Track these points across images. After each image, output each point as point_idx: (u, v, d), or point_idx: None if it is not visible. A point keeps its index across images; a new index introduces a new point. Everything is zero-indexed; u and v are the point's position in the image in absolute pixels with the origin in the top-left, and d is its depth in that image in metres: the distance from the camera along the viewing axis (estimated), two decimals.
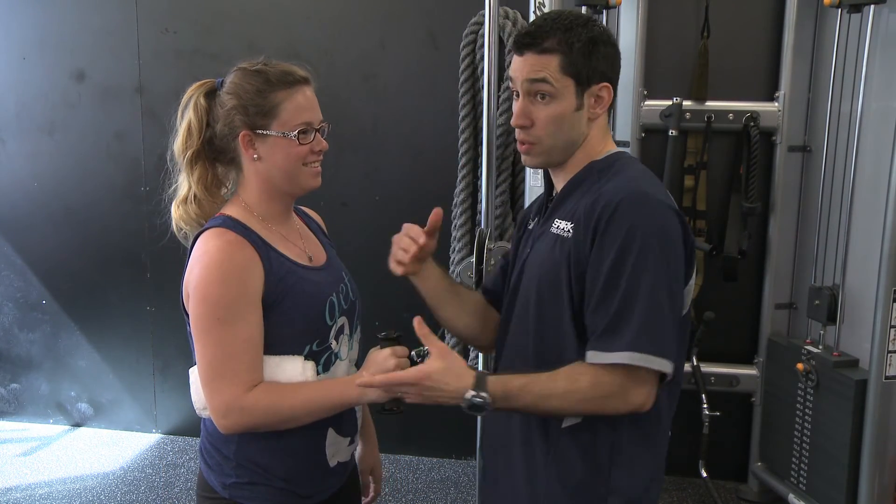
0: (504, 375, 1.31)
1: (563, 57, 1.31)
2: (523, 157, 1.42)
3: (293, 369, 1.37)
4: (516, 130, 1.39)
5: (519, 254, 1.48)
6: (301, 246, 1.47)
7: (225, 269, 1.31)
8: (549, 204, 1.43)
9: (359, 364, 1.55)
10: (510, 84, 1.39)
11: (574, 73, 1.32)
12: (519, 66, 1.35)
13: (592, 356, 1.26)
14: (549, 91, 1.32)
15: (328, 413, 1.39)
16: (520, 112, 1.35)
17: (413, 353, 1.42)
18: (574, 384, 1.26)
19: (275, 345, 1.37)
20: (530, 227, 1.50)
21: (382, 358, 1.36)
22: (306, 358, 1.39)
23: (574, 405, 1.28)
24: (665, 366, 1.25)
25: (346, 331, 1.48)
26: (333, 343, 1.44)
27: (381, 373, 1.33)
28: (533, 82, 1.32)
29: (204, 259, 1.33)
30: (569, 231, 1.32)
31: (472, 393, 1.25)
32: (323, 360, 1.42)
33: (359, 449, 1.68)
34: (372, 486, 1.70)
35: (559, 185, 1.41)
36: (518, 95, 1.37)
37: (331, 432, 1.45)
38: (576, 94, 1.33)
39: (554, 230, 1.35)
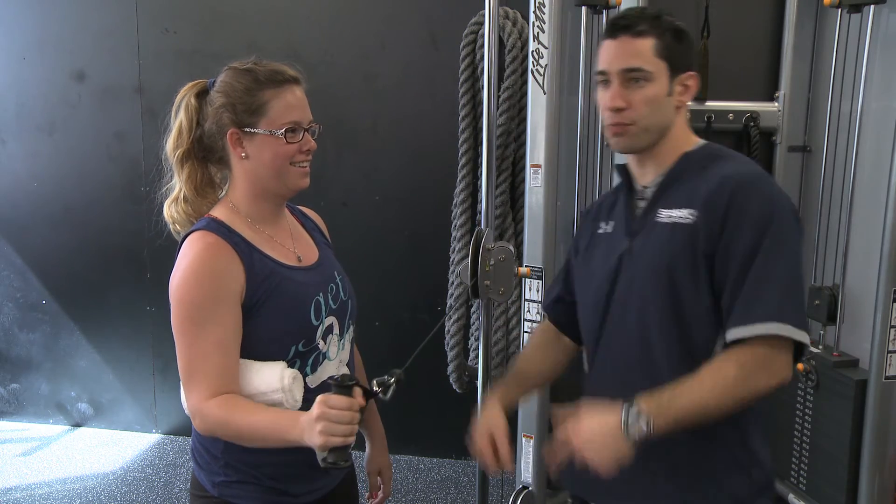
0: (645, 395, 1.25)
1: (657, 40, 1.34)
2: (614, 141, 1.41)
3: (271, 375, 1.35)
4: (607, 115, 1.38)
5: (595, 259, 1.47)
6: (290, 246, 1.47)
7: (200, 272, 1.32)
8: (637, 199, 1.43)
9: (350, 364, 1.54)
10: (598, 73, 1.39)
11: (667, 57, 1.34)
12: (613, 50, 1.36)
13: (735, 332, 1.25)
14: (644, 76, 1.33)
15: (273, 445, 1.32)
16: (615, 95, 1.35)
17: (374, 382, 1.30)
18: (719, 374, 1.24)
19: (260, 346, 1.36)
20: (602, 230, 1.48)
21: (315, 405, 1.23)
22: (293, 358, 1.39)
23: (725, 395, 1.25)
24: (805, 337, 1.26)
25: (336, 331, 1.48)
26: (321, 343, 1.43)
27: (307, 420, 1.22)
28: (629, 70, 1.33)
29: (183, 262, 1.34)
30: (689, 217, 1.31)
31: (631, 414, 1.21)
32: (311, 360, 1.42)
33: (367, 450, 1.68)
34: (381, 487, 1.70)
35: (647, 177, 1.42)
36: (605, 83, 1.37)
37: None
38: (668, 79, 1.35)
39: (664, 220, 1.35)
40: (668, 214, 1.35)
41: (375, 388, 1.29)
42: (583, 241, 1.56)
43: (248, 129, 1.37)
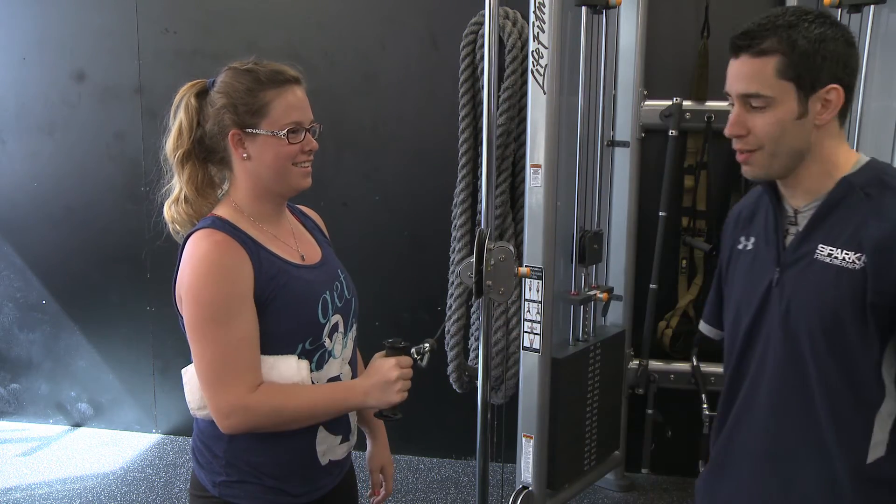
0: None
1: (781, 59, 1.20)
2: (743, 168, 1.29)
3: (288, 369, 1.37)
4: (733, 141, 1.28)
5: (736, 279, 1.39)
6: (293, 245, 1.47)
7: (215, 269, 1.32)
8: (788, 222, 1.31)
9: (353, 363, 1.55)
10: (726, 93, 1.28)
11: (795, 77, 1.20)
12: (733, 71, 1.25)
13: None
14: (763, 102, 1.21)
15: (330, 416, 1.41)
16: (734, 121, 1.25)
17: (413, 350, 1.44)
18: None
19: (268, 344, 1.37)
20: (742, 246, 1.39)
21: (387, 368, 1.38)
22: (300, 357, 1.39)
23: None
24: None
25: (341, 329, 1.48)
26: (327, 341, 1.44)
27: (383, 382, 1.37)
28: (745, 97, 1.23)
29: (193, 261, 1.33)
30: (856, 263, 1.19)
31: None
32: (316, 358, 1.42)
33: (368, 448, 1.69)
34: (383, 484, 1.70)
35: (798, 201, 1.30)
36: (732, 105, 1.27)
37: (321, 431, 1.45)
38: (798, 100, 1.21)
39: (825, 259, 1.23)
40: (829, 253, 1.23)
41: (415, 356, 1.44)
42: (724, 255, 1.46)
43: (249, 130, 1.37)
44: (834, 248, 1.22)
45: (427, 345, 1.46)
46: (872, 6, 2.30)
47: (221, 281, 1.31)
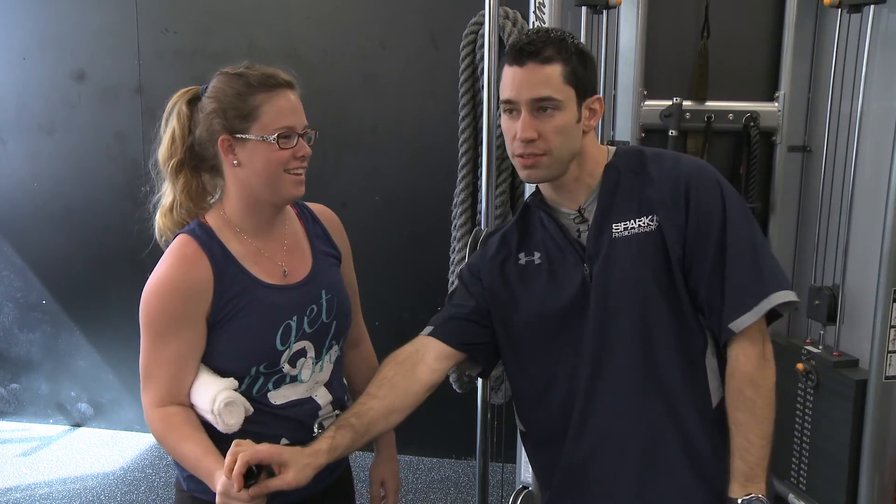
0: (738, 478, 1.29)
1: (564, 66, 1.29)
2: (526, 173, 1.35)
3: (205, 395, 1.33)
4: (517, 145, 1.32)
5: (532, 291, 1.41)
6: (279, 260, 1.43)
7: (170, 286, 1.33)
8: (575, 224, 1.38)
9: (334, 383, 1.47)
10: (505, 101, 1.33)
11: (575, 83, 1.31)
12: (520, 78, 1.30)
13: (743, 320, 1.27)
14: (554, 104, 1.29)
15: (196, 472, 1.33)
16: (526, 126, 1.30)
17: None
18: (759, 393, 1.28)
19: (220, 360, 1.36)
20: (524, 261, 1.42)
21: (224, 488, 1.20)
22: (255, 375, 1.37)
23: (773, 407, 1.29)
24: (793, 296, 1.29)
25: (311, 354, 1.43)
26: (287, 367, 1.39)
27: (220, 494, 1.21)
28: (539, 100, 1.29)
29: (157, 269, 1.36)
30: (650, 223, 1.31)
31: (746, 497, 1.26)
32: (274, 379, 1.39)
33: (375, 455, 1.66)
34: (384, 498, 1.63)
35: (576, 200, 1.38)
36: (512, 112, 1.32)
37: (283, 442, 1.38)
38: (577, 105, 1.32)
39: (624, 234, 1.33)
40: (625, 227, 1.33)
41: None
42: (487, 276, 1.46)
43: (239, 136, 1.33)
44: (628, 221, 1.33)
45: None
46: (872, 6, 2.30)
47: (173, 299, 1.33)
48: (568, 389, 1.39)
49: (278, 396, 1.40)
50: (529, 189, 2.43)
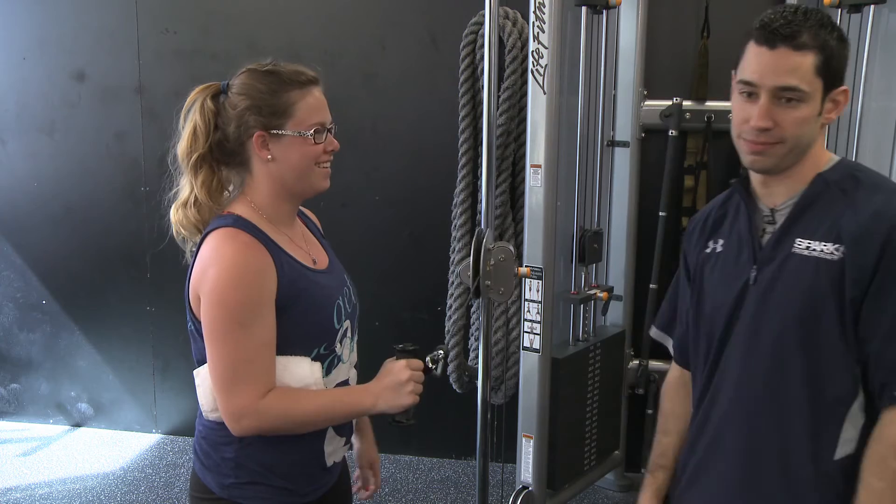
0: None
1: (818, 55, 1.19)
2: (751, 158, 1.27)
3: (301, 371, 1.37)
4: (747, 130, 1.24)
5: (707, 282, 1.37)
6: (305, 249, 1.47)
7: (242, 272, 1.31)
8: (764, 222, 1.31)
9: (358, 367, 1.55)
10: (744, 81, 1.23)
11: (825, 74, 1.20)
12: (767, 61, 1.20)
13: None
14: (799, 96, 1.20)
15: (340, 420, 1.43)
16: (763, 114, 1.21)
17: (428, 359, 1.46)
18: (885, 467, 1.19)
19: (284, 346, 1.36)
20: (710, 249, 1.38)
21: (398, 369, 1.39)
22: (313, 360, 1.39)
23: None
24: None
25: (349, 334, 1.49)
26: (338, 346, 1.44)
27: (395, 383, 1.37)
28: (782, 89, 1.19)
29: (220, 262, 1.31)
30: (834, 253, 1.20)
31: None
32: (327, 363, 1.42)
33: (356, 445, 1.69)
34: (372, 480, 1.71)
35: (775, 198, 1.31)
36: (751, 95, 1.23)
37: (330, 432, 1.45)
38: (822, 97, 1.22)
39: (803, 252, 1.24)
40: (807, 246, 1.23)
41: (429, 364, 1.46)
42: (689, 261, 1.45)
43: (275, 132, 1.36)
44: (812, 241, 1.23)
45: (441, 352, 1.48)
46: (872, 6, 2.30)
47: (249, 285, 1.31)
48: (701, 385, 1.39)
49: (330, 382, 1.43)
50: (529, 189, 2.43)
